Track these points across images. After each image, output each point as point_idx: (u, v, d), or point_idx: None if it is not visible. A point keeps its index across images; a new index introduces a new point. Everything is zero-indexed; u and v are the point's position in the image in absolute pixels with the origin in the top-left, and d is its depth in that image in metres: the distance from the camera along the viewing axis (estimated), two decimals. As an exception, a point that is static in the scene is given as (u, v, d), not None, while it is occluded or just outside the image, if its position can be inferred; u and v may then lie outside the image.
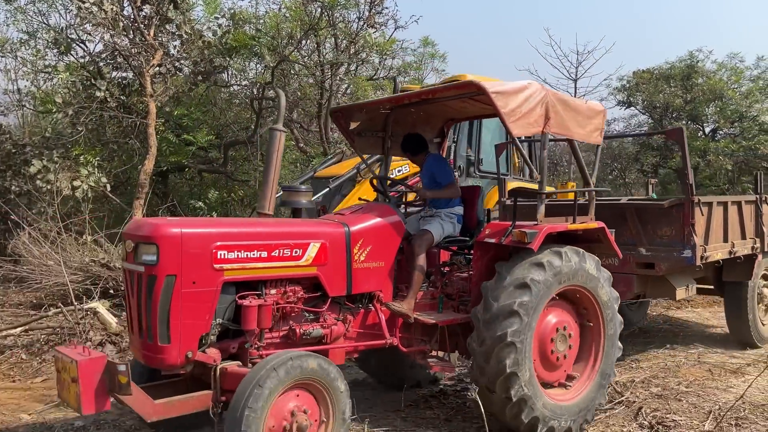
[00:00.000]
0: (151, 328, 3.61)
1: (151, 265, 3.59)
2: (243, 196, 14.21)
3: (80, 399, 3.32)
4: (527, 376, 4.20)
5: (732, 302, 7.32)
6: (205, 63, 12.09)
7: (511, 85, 4.39)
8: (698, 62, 19.75)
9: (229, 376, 3.69)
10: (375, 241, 4.46)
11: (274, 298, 4.00)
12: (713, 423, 4.73)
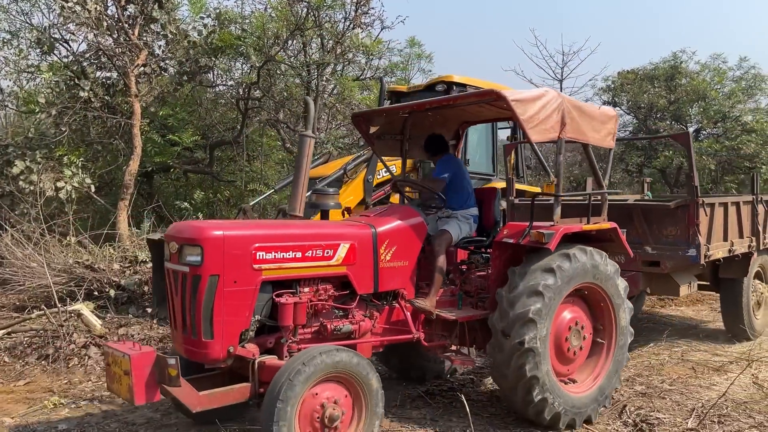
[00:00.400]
0: (195, 324, 3.83)
1: (196, 266, 3.80)
2: (229, 196, 14.14)
3: (133, 390, 3.56)
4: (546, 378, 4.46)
5: (728, 298, 7.63)
6: (191, 63, 12.04)
7: (529, 93, 4.60)
8: (682, 63, 19.96)
9: (267, 369, 3.89)
10: (399, 242, 4.69)
11: (307, 296, 4.23)
12: (696, 420, 4.79)
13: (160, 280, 8.05)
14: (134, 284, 8.45)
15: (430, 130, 5.75)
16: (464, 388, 5.64)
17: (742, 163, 18.25)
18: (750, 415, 4.95)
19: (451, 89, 9.06)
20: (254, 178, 13.66)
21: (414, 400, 5.30)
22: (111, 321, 7.10)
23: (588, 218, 5.00)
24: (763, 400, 5.34)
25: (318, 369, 3.66)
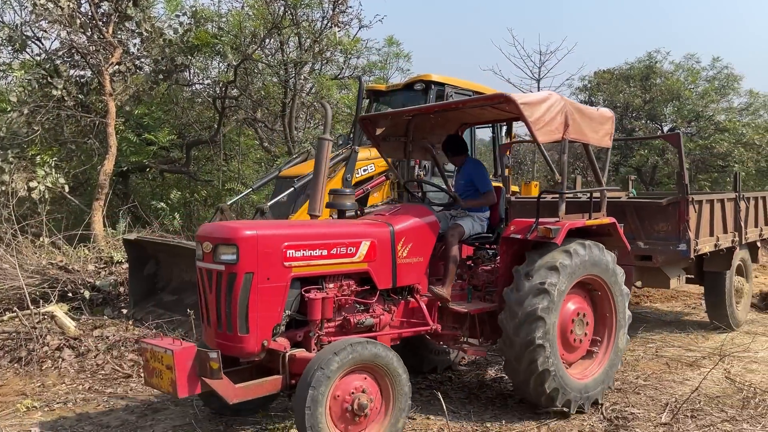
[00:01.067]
0: (230, 320, 4.01)
1: (232, 264, 3.98)
2: (206, 196, 14.04)
3: (176, 384, 3.75)
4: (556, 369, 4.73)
5: (712, 290, 7.98)
6: (166, 61, 11.93)
7: (535, 96, 4.87)
8: (656, 63, 20.25)
9: (297, 362, 4.07)
10: (415, 239, 4.89)
11: (332, 291, 4.43)
12: (670, 415, 4.85)
13: (136, 281, 7.97)
14: (110, 285, 8.34)
15: (431, 131, 6.01)
16: (442, 386, 5.65)
17: (716, 162, 18.57)
18: (722, 410, 5.02)
19: (430, 88, 9.08)
20: (232, 178, 13.58)
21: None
22: (86, 322, 7.00)
23: (590, 214, 5.26)
24: (735, 394, 5.42)
25: (348, 360, 3.83)
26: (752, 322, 8.60)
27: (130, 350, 6.22)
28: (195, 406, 5.00)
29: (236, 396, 3.94)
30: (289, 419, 4.70)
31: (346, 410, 3.88)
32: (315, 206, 4.92)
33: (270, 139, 14.71)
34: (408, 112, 5.69)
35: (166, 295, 7.86)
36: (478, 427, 4.68)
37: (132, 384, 5.57)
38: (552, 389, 4.70)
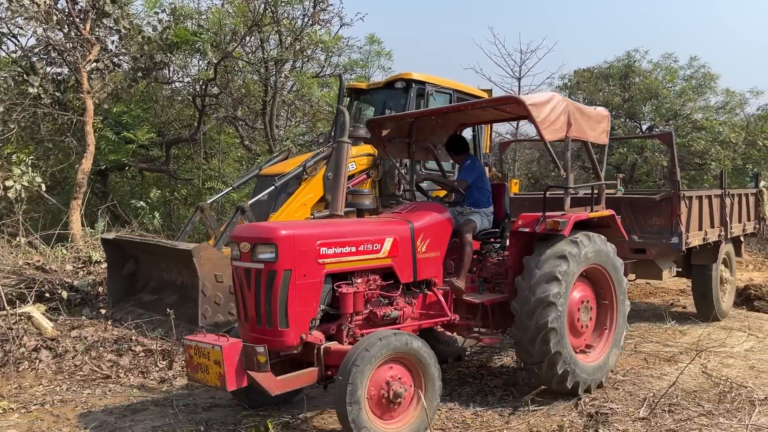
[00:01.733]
0: (271, 315, 4.20)
1: (271, 262, 4.18)
2: (186, 194, 13.92)
3: (225, 378, 3.94)
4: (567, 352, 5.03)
5: (699, 282, 8.36)
6: (145, 59, 11.80)
7: (541, 97, 5.14)
8: (635, 62, 20.44)
9: (332, 354, 4.28)
10: (433, 235, 5.15)
11: (361, 286, 4.64)
12: (648, 410, 4.91)
13: (115, 281, 7.89)
14: (88, 285, 8.25)
15: (432, 132, 6.29)
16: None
17: (693, 160, 18.81)
18: (699, 404, 5.09)
19: (410, 87, 9.09)
20: (212, 176, 13.48)
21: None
22: (63, 323, 6.91)
23: (592, 207, 5.64)
24: (711, 389, 5.50)
25: (382, 352, 4.01)
26: (729, 317, 8.74)
27: (108, 350, 6.16)
28: (175, 406, 4.97)
29: (278, 388, 4.11)
30: (270, 418, 4.68)
31: (382, 399, 4.07)
32: (336, 206, 5.12)
33: (251, 137, 14.63)
34: (420, 114, 6.08)
35: (146, 294, 7.79)
36: (459, 425, 4.70)
37: (110, 385, 5.51)
38: (563, 371, 4.98)
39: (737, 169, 17.28)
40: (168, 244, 7.40)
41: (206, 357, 4.07)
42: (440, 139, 6.34)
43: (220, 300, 6.73)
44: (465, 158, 6.03)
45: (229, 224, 7.75)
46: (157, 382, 5.66)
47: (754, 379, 5.84)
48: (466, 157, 6.05)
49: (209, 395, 5.33)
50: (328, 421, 4.74)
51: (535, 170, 20.58)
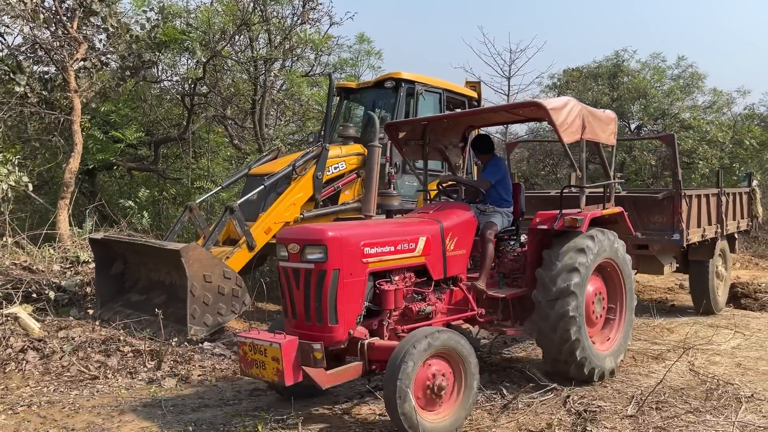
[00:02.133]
0: (321, 312, 4.45)
1: (321, 262, 4.44)
2: (176, 194, 13.84)
3: (283, 373, 4.18)
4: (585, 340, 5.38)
5: (696, 277, 8.79)
6: (133, 58, 11.72)
7: (559, 102, 5.45)
8: (624, 62, 20.52)
9: (376, 349, 4.54)
10: (459, 234, 5.46)
11: (399, 283, 4.92)
12: (636, 407, 4.94)
13: (103, 281, 7.85)
14: (75, 285, 8.20)
15: (443, 134, 6.58)
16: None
17: (681, 159, 18.92)
18: (686, 401, 5.13)
19: (400, 86, 9.11)
20: (201, 176, 13.41)
21: (363, 396, 5.30)
22: (50, 324, 6.86)
23: (604, 204, 6.06)
24: (698, 386, 5.54)
25: (428, 348, 4.23)
26: (715, 315, 8.81)
27: (96, 351, 6.12)
28: (163, 407, 4.95)
29: (328, 382, 4.36)
30: (258, 419, 4.67)
31: (427, 391, 4.27)
32: (369, 207, 5.35)
33: (240, 136, 14.57)
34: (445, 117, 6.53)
35: (134, 294, 7.76)
36: (448, 423, 4.71)
37: (98, 385, 5.48)
38: (581, 358, 5.33)
39: (724, 168, 17.35)
40: (156, 244, 7.37)
41: (263, 354, 4.30)
42: (451, 140, 6.65)
43: (209, 300, 6.72)
44: (490, 158, 6.31)
45: (218, 224, 7.73)
46: (145, 382, 5.64)
47: (740, 377, 5.90)
48: (491, 157, 6.33)
49: (198, 396, 5.32)
50: (317, 420, 4.74)
51: (524, 169, 20.64)
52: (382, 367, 4.41)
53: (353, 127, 9.57)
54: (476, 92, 10.51)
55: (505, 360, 6.43)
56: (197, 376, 5.86)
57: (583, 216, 5.52)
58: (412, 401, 4.10)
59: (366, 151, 9.11)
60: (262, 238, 7.90)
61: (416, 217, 5.69)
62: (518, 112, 6.25)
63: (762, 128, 19.14)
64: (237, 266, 7.50)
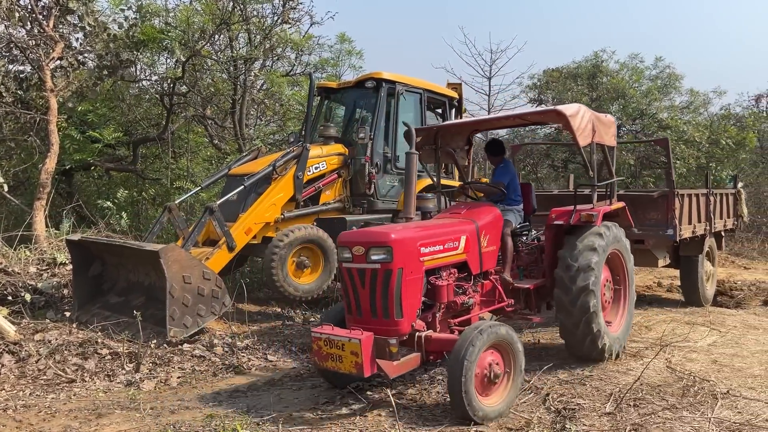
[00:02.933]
0: (387, 308, 4.86)
1: (387, 262, 4.84)
2: (155, 194, 13.71)
3: (362, 366, 4.52)
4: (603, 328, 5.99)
5: (686, 272, 9.44)
6: (111, 57, 11.58)
7: (573, 108, 5.93)
8: (603, 62, 20.72)
9: (433, 341, 5.01)
10: (490, 232, 5.97)
11: (447, 279, 5.35)
12: (614, 404, 4.99)
13: (80, 283, 7.75)
14: (52, 287, 8.10)
15: (452, 138, 7.00)
16: (394, 382, 5.67)
17: (659, 158, 19.15)
18: (663, 398, 5.19)
19: (381, 86, 9.12)
20: (181, 176, 13.31)
21: (344, 397, 5.29)
22: (26, 326, 6.77)
23: (610, 201, 6.71)
24: (675, 383, 5.61)
25: (488, 339, 4.66)
26: (692, 312, 8.93)
27: (73, 354, 6.05)
28: (141, 410, 4.90)
29: (395, 372, 4.76)
30: (238, 421, 4.65)
31: (484, 379, 4.68)
32: (409, 210, 5.73)
33: (220, 136, 14.48)
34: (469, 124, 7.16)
35: (113, 296, 7.68)
36: (429, 422, 4.71)
37: (75, 389, 5.42)
38: (602, 344, 5.95)
39: (701, 167, 17.59)
40: (135, 245, 7.30)
41: (340, 348, 4.64)
42: (458, 144, 7.07)
43: (189, 301, 6.67)
44: (501, 161, 6.82)
45: (197, 225, 7.67)
46: (123, 385, 5.58)
47: (716, 373, 5.98)
48: (502, 159, 6.83)
49: (177, 398, 5.27)
50: (297, 421, 4.72)
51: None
52: (438, 357, 5.09)
53: (334, 127, 9.55)
54: (457, 93, 10.55)
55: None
56: (176, 378, 5.81)
57: (596, 212, 6.13)
58: (473, 388, 4.52)
59: (347, 151, 9.12)
60: (242, 238, 7.87)
61: (452, 217, 6.07)
62: (536, 118, 6.82)
63: (738, 128, 19.43)
64: (217, 267, 7.46)
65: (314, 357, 4.88)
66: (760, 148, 23.51)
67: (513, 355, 4.90)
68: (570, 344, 6.15)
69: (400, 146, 9.44)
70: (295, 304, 8.77)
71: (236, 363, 6.29)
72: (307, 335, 7.64)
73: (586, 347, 5.98)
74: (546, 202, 8.51)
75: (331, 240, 8.20)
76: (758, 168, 22.35)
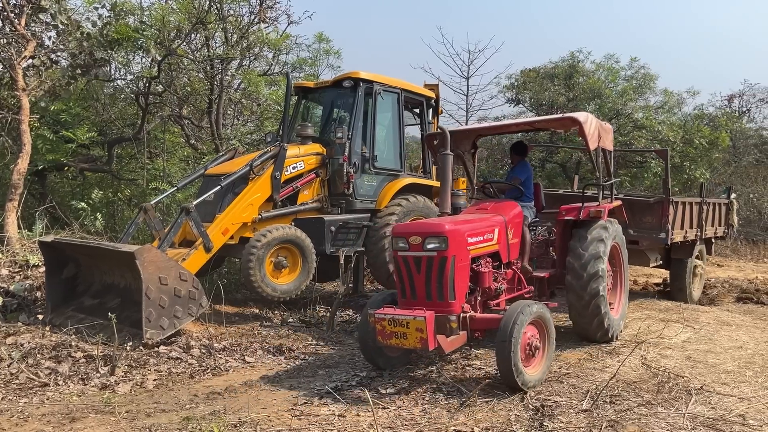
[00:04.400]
0: (442, 291, 5.46)
1: (443, 251, 5.44)
2: (130, 195, 13.53)
3: (427, 341, 5.07)
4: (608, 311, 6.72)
5: (676, 274, 10.25)
6: (85, 56, 11.39)
7: (583, 116, 6.57)
8: (579, 62, 20.95)
9: (477, 321, 5.61)
10: (514, 225, 6.61)
11: (486, 266, 6.04)
12: (590, 401, 5.04)
13: (54, 285, 7.62)
14: (25, 290, 7.95)
15: (461, 142, 7.58)
16: (373, 382, 5.67)
17: (635, 158, 19.40)
18: (638, 394, 5.26)
19: (358, 86, 9.11)
20: (157, 176, 13.14)
21: (322, 397, 5.27)
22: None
23: (611, 198, 7.46)
24: (650, 379, 5.68)
25: (530, 316, 5.29)
26: (667, 309, 9.06)
27: (46, 358, 5.94)
28: (116, 413, 4.83)
29: (449, 347, 5.43)
30: (215, 423, 4.60)
31: (526, 350, 5.29)
32: (444, 205, 6.37)
33: (197, 136, 14.34)
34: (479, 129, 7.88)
35: (87, 298, 7.57)
36: (407, 423, 4.72)
37: (49, 393, 5.32)
38: (607, 326, 6.70)
39: (675, 166, 17.85)
40: (110, 246, 7.20)
41: (404, 326, 5.15)
42: (465, 147, 7.67)
43: (165, 303, 6.59)
44: (520, 160, 7.55)
45: (173, 225, 7.59)
46: (98, 388, 5.49)
47: (690, 369, 6.07)
48: (521, 159, 7.57)
49: (153, 401, 5.21)
50: (275, 422, 4.69)
51: (483, 168, 20.88)
52: (482, 335, 5.82)
53: (312, 126, 9.52)
54: (434, 93, 10.58)
55: (463, 357, 6.48)
56: (153, 380, 5.74)
57: (602, 208, 6.88)
58: (520, 357, 5.12)
59: (325, 151, 9.10)
60: (219, 239, 7.80)
61: (480, 213, 6.62)
62: (550, 125, 7.47)
63: (711, 128, 19.76)
64: (194, 268, 7.38)
65: (378, 336, 5.36)
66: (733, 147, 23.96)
67: (547, 330, 5.55)
68: (579, 324, 6.81)
69: (378, 146, 9.45)
70: (274, 305, 8.71)
71: (213, 365, 6.24)
72: (285, 336, 7.61)
73: (594, 327, 6.66)
74: (551, 200, 8.96)
75: (309, 240, 8.17)
76: (731, 167, 22.76)
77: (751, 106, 28.67)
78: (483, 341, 6.34)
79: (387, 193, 9.29)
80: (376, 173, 9.36)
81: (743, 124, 26.24)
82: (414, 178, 9.78)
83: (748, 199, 21.04)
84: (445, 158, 6.24)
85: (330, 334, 7.84)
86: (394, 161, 9.73)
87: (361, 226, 9.03)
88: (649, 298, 10.34)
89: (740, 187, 20.84)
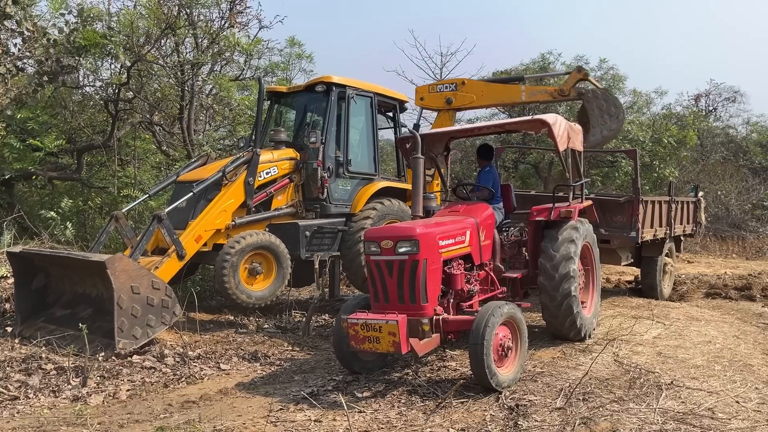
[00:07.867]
0: (414, 294, 5.48)
1: (414, 254, 5.46)
2: (101, 203, 13.33)
3: (400, 344, 5.11)
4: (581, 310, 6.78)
5: (647, 271, 10.46)
6: (52, 62, 11.22)
7: (553, 118, 6.65)
8: (549, 64, 21.17)
9: (450, 323, 5.67)
10: (487, 227, 6.66)
11: (458, 269, 6.04)
12: (564, 399, 5.10)
13: (23, 296, 7.49)
14: (-7, 302, 7.80)
15: (434, 145, 7.55)
16: (349, 387, 5.68)
17: (605, 158, 19.68)
18: (611, 391, 5.34)
19: (331, 90, 9.11)
20: (128, 184, 12.97)
21: (298, 403, 5.26)
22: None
23: (582, 199, 7.52)
24: (622, 376, 5.78)
25: (502, 316, 5.36)
26: (638, 306, 9.21)
27: (16, 370, 5.84)
28: (89, 425, 4.76)
29: (422, 350, 5.45)
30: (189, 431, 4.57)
31: (498, 351, 5.37)
32: (417, 208, 6.27)
33: (168, 142, 14.20)
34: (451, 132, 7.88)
35: (58, 309, 7.45)
36: (383, 425, 4.73)
37: (19, 406, 5.22)
38: (580, 325, 6.76)
39: (645, 165, 18.14)
40: (80, 256, 7.10)
41: (377, 330, 5.17)
42: (438, 150, 7.64)
43: (138, 312, 6.53)
44: (487, 164, 7.56)
45: (145, 233, 7.51)
46: (70, 401, 5.41)
47: (661, 365, 6.18)
48: (487, 163, 7.57)
49: (126, 412, 5.15)
50: (251, 430, 4.67)
51: (458, 170, 21.01)
52: (455, 337, 5.88)
53: (285, 131, 9.49)
54: (406, 96, 10.63)
55: (439, 359, 6.52)
56: (126, 391, 5.67)
57: (573, 208, 6.92)
58: (492, 358, 5.17)
59: (299, 156, 9.08)
60: (192, 246, 7.74)
61: (453, 215, 6.65)
62: (520, 127, 7.60)
63: (679, 127, 20.13)
64: (166, 276, 7.32)
65: (351, 342, 5.36)
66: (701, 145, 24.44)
67: (519, 330, 5.61)
68: (552, 325, 6.86)
69: (352, 150, 9.45)
70: (249, 312, 8.66)
71: (188, 373, 6.19)
72: (261, 343, 7.57)
73: (567, 326, 6.71)
74: (523, 201, 9.00)
75: (284, 246, 8.14)
76: (699, 165, 23.20)
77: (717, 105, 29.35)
78: (458, 342, 6.39)
79: (362, 197, 9.30)
80: (351, 177, 9.37)
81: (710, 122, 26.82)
82: (388, 181, 9.81)
83: (716, 197, 21.47)
84: (417, 161, 6.25)
85: (306, 339, 7.82)
86: (368, 165, 9.74)
87: (336, 231, 9.03)
88: (621, 296, 10.52)
89: (708, 185, 21.27)
